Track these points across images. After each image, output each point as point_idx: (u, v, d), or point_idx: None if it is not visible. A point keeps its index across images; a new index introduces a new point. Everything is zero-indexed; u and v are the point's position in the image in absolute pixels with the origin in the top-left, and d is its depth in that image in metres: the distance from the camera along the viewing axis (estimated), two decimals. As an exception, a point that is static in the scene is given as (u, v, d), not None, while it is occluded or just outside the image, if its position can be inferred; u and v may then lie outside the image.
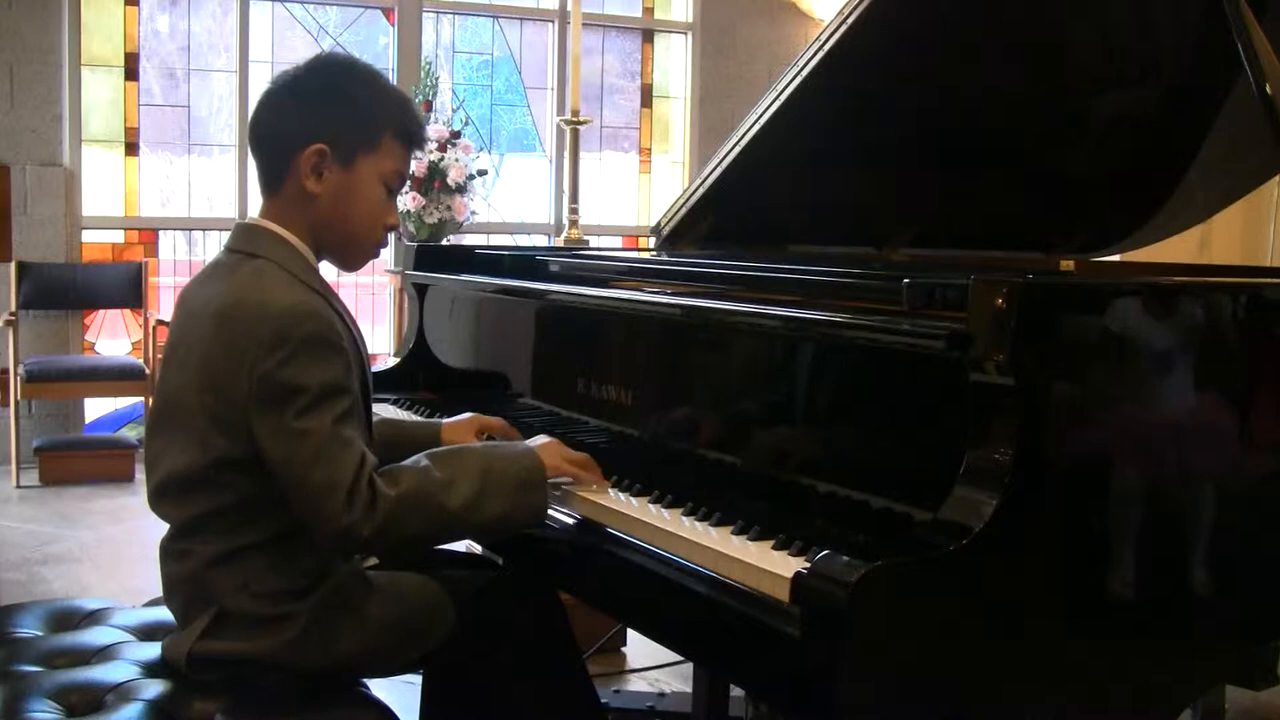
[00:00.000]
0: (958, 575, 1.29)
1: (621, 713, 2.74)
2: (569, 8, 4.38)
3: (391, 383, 2.54)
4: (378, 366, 2.64)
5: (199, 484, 1.64)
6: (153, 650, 1.76)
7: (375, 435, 1.86)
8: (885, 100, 2.29)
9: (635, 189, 6.82)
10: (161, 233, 5.86)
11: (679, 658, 2.75)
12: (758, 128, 2.31)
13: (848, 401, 1.65)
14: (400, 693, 2.04)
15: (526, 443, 1.78)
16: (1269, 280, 1.96)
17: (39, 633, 1.87)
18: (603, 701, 2.50)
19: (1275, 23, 1.98)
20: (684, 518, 1.61)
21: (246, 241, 1.70)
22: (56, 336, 5.48)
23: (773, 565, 1.40)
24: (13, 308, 5.22)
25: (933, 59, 2.23)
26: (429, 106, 5.74)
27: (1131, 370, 1.48)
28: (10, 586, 3.75)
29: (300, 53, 1.80)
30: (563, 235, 3.87)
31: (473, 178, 5.60)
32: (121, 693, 1.65)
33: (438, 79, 5.89)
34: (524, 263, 2.53)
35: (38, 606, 1.98)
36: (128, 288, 5.48)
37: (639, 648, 3.20)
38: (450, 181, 5.48)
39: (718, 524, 1.57)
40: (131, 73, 5.68)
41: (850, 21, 2.12)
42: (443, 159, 5.48)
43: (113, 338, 5.83)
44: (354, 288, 6.24)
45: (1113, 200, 2.48)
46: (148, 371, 5.18)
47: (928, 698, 1.31)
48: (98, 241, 5.69)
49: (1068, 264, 2.51)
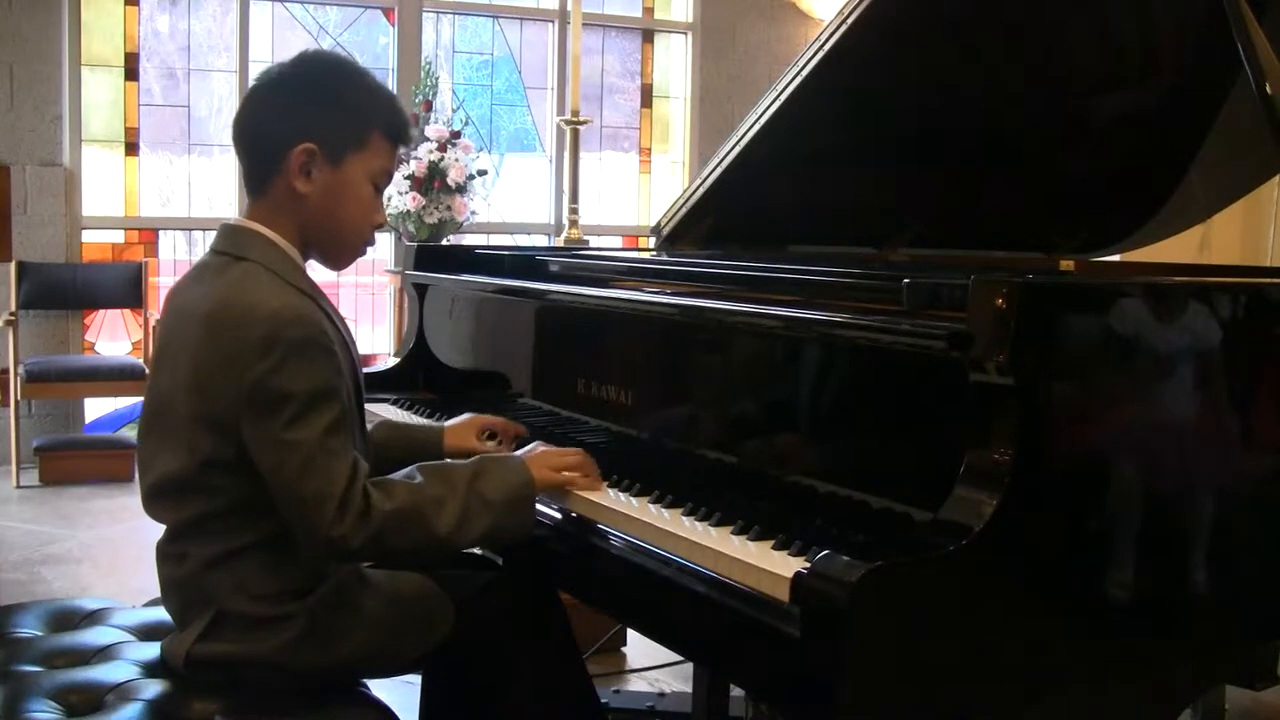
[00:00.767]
0: (958, 575, 1.29)
1: (621, 713, 2.74)
2: (569, 8, 4.38)
3: (391, 383, 2.54)
4: (378, 366, 2.65)
5: (192, 487, 1.64)
6: (152, 650, 1.76)
7: (376, 437, 1.86)
8: (885, 100, 2.29)
9: (635, 189, 6.82)
10: (161, 233, 5.86)
11: (679, 658, 2.75)
12: (758, 128, 2.31)
13: (848, 402, 1.65)
14: (400, 693, 2.04)
15: (519, 454, 1.78)
16: (1269, 280, 1.96)
17: (39, 633, 1.87)
18: (603, 701, 2.50)
19: (1275, 23, 1.98)
20: (684, 518, 1.61)
21: (233, 243, 1.69)
22: (56, 336, 5.48)
23: (773, 565, 1.40)
24: (13, 308, 5.23)
25: (933, 59, 2.23)
26: (429, 106, 5.74)
27: (1131, 370, 1.48)
28: (10, 586, 3.75)
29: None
30: (563, 235, 3.87)
31: (473, 178, 5.60)
32: (121, 693, 1.65)
33: (438, 79, 5.89)
34: (524, 263, 2.53)
35: (38, 606, 1.98)
36: (128, 288, 5.48)
37: (639, 648, 3.20)
38: (450, 181, 5.48)
39: (718, 524, 1.57)
40: (131, 73, 5.68)
41: (850, 21, 2.12)
42: (443, 159, 5.48)
43: (113, 338, 5.83)
44: (354, 288, 6.24)
45: (1113, 200, 2.48)
46: (148, 371, 5.17)
47: (927, 698, 1.31)
48: (98, 241, 5.69)
49: (1068, 264, 2.51)
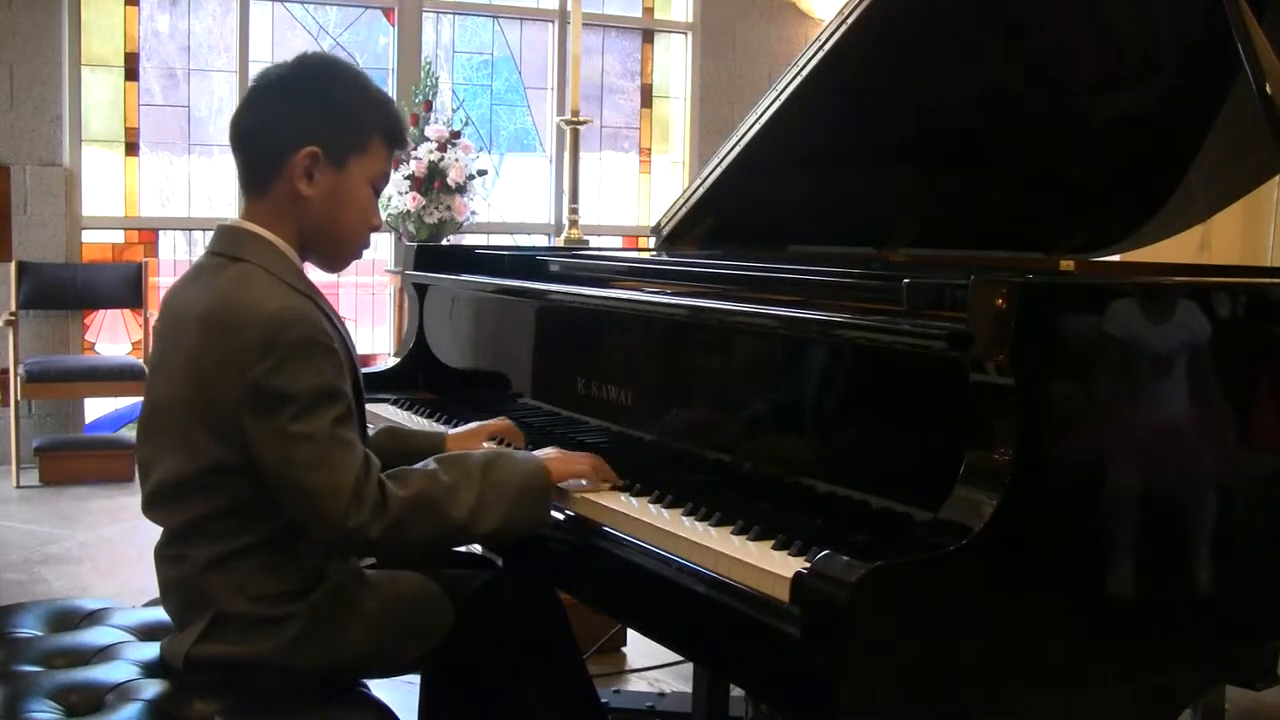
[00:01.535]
0: (958, 575, 1.29)
1: (621, 713, 2.74)
2: (569, 8, 4.38)
3: (391, 383, 2.54)
4: (378, 366, 2.65)
5: (191, 488, 1.64)
6: (152, 650, 1.76)
7: (378, 443, 1.85)
8: (885, 100, 2.29)
9: (635, 189, 6.82)
10: (161, 233, 5.86)
11: (679, 658, 2.75)
12: (758, 128, 2.31)
13: (848, 401, 1.65)
14: (400, 693, 2.04)
15: (534, 453, 1.78)
16: (1269, 280, 1.96)
17: (39, 633, 1.87)
18: (603, 701, 2.50)
19: (1275, 23, 1.98)
20: (684, 518, 1.61)
21: (229, 244, 1.69)
22: (56, 336, 5.48)
23: (773, 565, 1.40)
24: (13, 308, 5.22)
25: (932, 59, 2.23)
26: (429, 106, 5.74)
27: (1131, 370, 1.48)
28: (10, 586, 3.75)
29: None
30: (563, 235, 3.87)
31: (473, 178, 5.60)
32: (121, 693, 1.65)
33: (438, 79, 5.88)
34: (524, 263, 2.53)
35: (38, 606, 1.98)
36: (128, 288, 5.48)
37: (639, 648, 3.20)
38: (450, 181, 5.47)
39: (718, 524, 1.57)
40: (131, 73, 5.67)
41: (850, 21, 2.12)
42: (443, 159, 5.47)
43: (113, 338, 5.83)
44: (354, 288, 6.24)
45: (1113, 200, 2.48)
46: (148, 371, 5.17)
47: (927, 698, 1.31)
48: (98, 241, 5.69)
49: (1068, 264, 2.51)
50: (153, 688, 1.66)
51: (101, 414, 5.78)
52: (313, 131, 1.67)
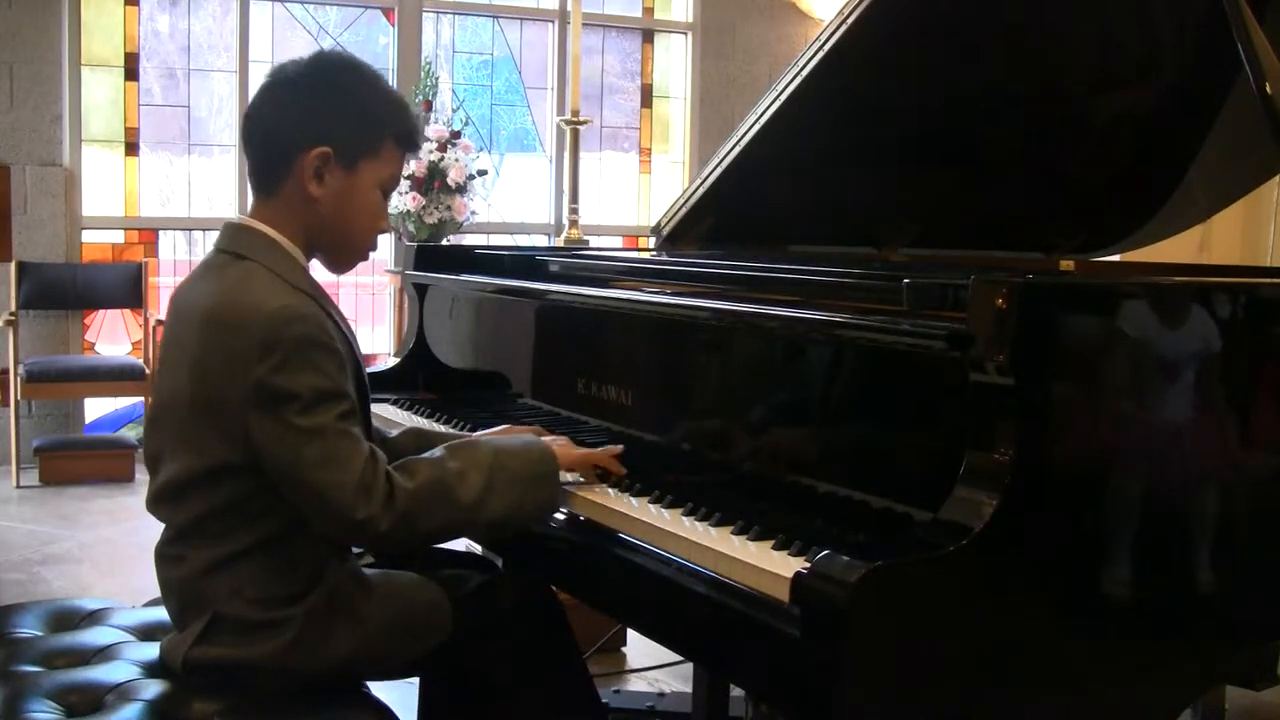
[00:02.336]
0: (958, 575, 1.29)
1: (621, 713, 2.74)
2: (569, 8, 4.38)
3: (391, 383, 2.54)
4: (378, 367, 2.65)
5: (194, 487, 1.64)
6: (152, 650, 1.76)
7: (403, 444, 1.85)
8: (885, 100, 2.29)
9: (635, 189, 6.82)
10: (161, 233, 5.86)
11: (679, 658, 2.75)
12: (758, 128, 2.31)
13: (848, 401, 1.65)
14: (400, 693, 2.03)
15: (540, 438, 1.79)
16: (1269, 280, 1.96)
17: (39, 633, 1.87)
18: (603, 701, 2.50)
19: (1275, 23, 1.98)
20: (684, 518, 1.61)
21: (235, 242, 1.68)
22: (56, 336, 5.48)
23: (773, 565, 1.40)
24: (13, 308, 5.22)
25: (932, 59, 2.23)
26: (429, 106, 5.74)
27: (1131, 370, 1.48)
28: (10, 586, 3.75)
29: (300, 53, 1.77)
30: (563, 235, 3.87)
31: (473, 178, 5.60)
32: (121, 693, 1.65)
33: (438, 79, 5.88)
34: (524, 263, 2.53)
35: (38, 606, 1.97)
36: (128, 288, 5.48)
37: (639, 648, 3.20)
38: (450, 181, 5.48)
39: (718, 524, 1.57)
40: (131, 73, 5.67)
41: (850, 21, 2.12)
42: (443, 159, 5.48)
43: (113, 338, 5.83)
44: (354, 288, 6.24)
45: (1113, 200, 2.48)
46: (148, 371, 5.17)
47: (927, 697, 1.31)
48: (98, 241, 5.69)
49: (1068, 264, 2.51)
50: (153, 688, 1.66)
51: (101, 414, 5.78)
52: (326, 131, 1.66)
